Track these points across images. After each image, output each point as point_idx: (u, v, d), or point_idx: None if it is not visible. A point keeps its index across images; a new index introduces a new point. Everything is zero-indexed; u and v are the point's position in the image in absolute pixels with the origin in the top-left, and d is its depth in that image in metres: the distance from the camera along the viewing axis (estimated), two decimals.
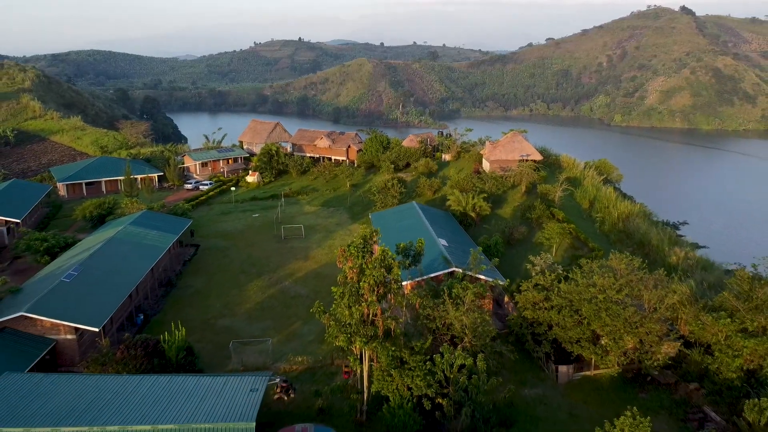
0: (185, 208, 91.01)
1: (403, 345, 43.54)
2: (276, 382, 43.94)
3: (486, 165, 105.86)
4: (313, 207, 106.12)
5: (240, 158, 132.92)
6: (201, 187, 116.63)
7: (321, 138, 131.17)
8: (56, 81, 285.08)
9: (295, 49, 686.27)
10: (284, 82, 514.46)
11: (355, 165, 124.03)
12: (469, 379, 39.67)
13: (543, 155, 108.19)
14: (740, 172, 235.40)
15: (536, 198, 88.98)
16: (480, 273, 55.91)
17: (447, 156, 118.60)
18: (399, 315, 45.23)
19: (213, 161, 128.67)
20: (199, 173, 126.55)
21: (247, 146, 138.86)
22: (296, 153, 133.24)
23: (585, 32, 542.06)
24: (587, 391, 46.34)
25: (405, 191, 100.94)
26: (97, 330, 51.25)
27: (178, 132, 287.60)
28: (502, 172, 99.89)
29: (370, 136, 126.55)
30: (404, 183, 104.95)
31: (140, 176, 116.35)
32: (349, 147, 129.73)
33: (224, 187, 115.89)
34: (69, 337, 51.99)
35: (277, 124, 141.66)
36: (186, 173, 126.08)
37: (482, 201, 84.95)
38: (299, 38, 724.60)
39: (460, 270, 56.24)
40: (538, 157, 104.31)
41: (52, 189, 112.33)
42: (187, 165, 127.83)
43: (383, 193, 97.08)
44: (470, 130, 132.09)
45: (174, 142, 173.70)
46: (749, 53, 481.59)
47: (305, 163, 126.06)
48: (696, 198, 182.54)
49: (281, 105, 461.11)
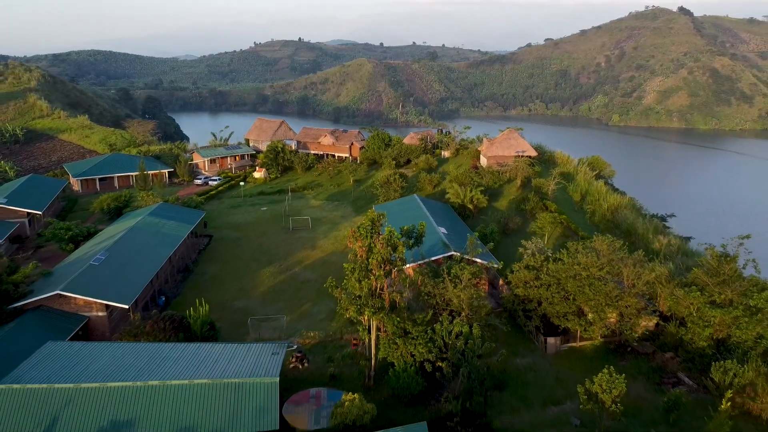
0: (198, 201, 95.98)
1: (407, 318, 48.39)
2: (293, 349, 48.77)
3: (483, 161, 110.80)
4: (319, 201, 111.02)
5: (247, 155, 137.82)
6: (210, 183, 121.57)
7: (325, 136, 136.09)
8: (61, 81, 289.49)
9: (295, 50, 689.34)
10: (284, 82, 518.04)
11: (358, 161, 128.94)
12: (466, 345, 44.49)
13: (538, 152, 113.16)
14: (735, 171, 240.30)
15: (531, 191, 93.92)
16: (476, 256, 60.85)
17: (446, 153, 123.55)
18: (402, 291, 50.01)
19: (221, 158, 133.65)
20: (208, 169, 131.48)
21: (253, 144, 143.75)
22: (301, 150, 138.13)
23: (583, 33, 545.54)
24: (573, 360, 51.20)
25: (406, 186, 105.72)
26: (127, 307, 56.16)
27: (180, 131, 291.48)
28: (499, 168, 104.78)
29: (373, 134, 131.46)
30: (405, 178, 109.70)
31: (152, 172, 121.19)
32: (352, 144, 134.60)
33: (233, 183, 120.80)
34: (100, 314, 56.88)
35: (282, 123, 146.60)
36: (195, 169, 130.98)
37: (479, 194, 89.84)
38: (299, 38, 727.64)
39: (458, 254, 61.11)
40: (533, 154, 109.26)
41: (67, 184, 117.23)
42: (196, 162, 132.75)
43: (386, 187, 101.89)
44: (468, 128, 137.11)
45: (179, 141, 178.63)
46: (747, 53, 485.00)
47: (310, 160, 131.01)
48: (689, 194, 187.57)
49: (282, 105, 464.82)
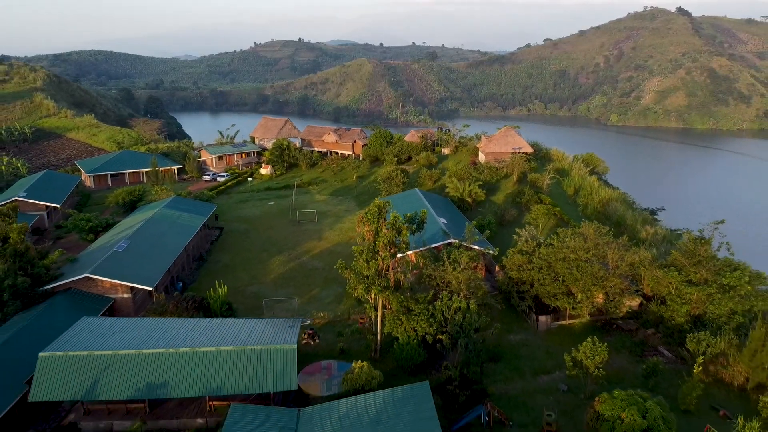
0: (209, 195, 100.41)
1: (409, 297, 52.85)
2: (306, 324, 53.21)
3: (482, 157, 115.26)
4: (323, 196, 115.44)
5: (253, 152, 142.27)
6: (218, 179, 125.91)
7: (329, 134, 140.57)
8: (65, 80, 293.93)
9: (295, 50, 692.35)
10: (285, 82, 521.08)
11: (361, 158, 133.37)
12: (464, 319, 48.94)
13: (534, 149, 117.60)
14: (732, 170, 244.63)
15: (526, 186, 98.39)
16: (473, 243, 65.34)
17: (446, 150, 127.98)
18: (406, 272, 54.45)
19: (228, 155, 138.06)
20: (215, 166, 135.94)
21: (259, 141, 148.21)
22: (305, 148, 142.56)
23: (582, 33, 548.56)
24: (562, 336, 55.66)
25: (407, 181, 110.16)
26: (150, 289, 60.61)
27: (182, 131, 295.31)
28: (496, 164, 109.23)
29: (375, 132, 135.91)
30: (407, 174, 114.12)
31: (162, 168, 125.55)
32: (355, 142, 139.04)
33: (240, 179, 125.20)
34: (125, 296, 61.28)
35: (287, 121, 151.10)
36: (203, 166, 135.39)
37: (477, 188, 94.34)
38: (299, 39, 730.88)
39: (457, 241, 65.59)
40: (529, 150, 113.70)
41: (80, 180, 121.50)
42: (204, 159, 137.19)
43: (388, 182, 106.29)
44: (467, 126, 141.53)
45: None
46: (745, 54, 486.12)
47: (314, 157, 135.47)
48: (686, 192, 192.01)
49: (282, 105, 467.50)
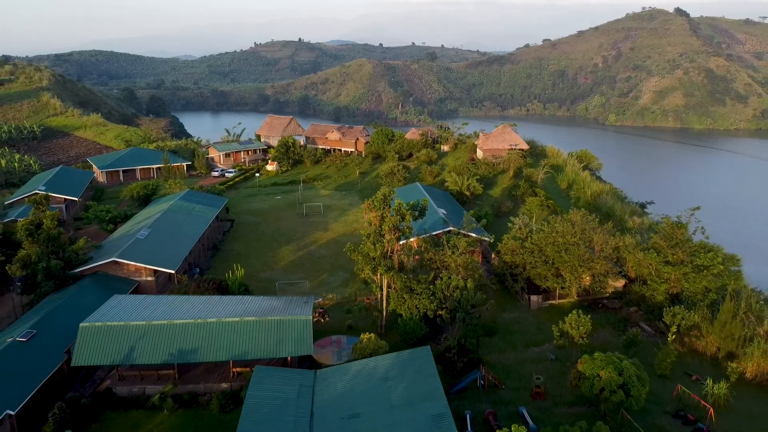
0: (220, 189, 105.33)
1: (412, 279, 57.73)
2: (318, 302, 58.11)
3: (479, 153, 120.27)
4: (328, 191, 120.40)
5: (259, 150, 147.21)
6: (226, 175, 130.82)
7: (332, 131, 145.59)
8: (70, 80, 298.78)
9: (295, 50, 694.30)
10: (285, 82, 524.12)
11: (363, 155, 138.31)
12: (462, 296, 53.81)
13: (530, 146, 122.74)
14: (728, 169, 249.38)
15: (522, 180, 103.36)
16: (471, 231, 70.27)
17: (445, 147, 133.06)
18: (409, 255, 59.34)
19: (235, 152, 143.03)
20: (223, 163, 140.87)
21: (264, 139, 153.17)
22: (309, 145, 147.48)
23: (581, 33, 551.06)
24: (552, 314, 60.45)
25: (408, 176, 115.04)
26: (173, 272, 65.54)
27: (184, 130, 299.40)
28: (494, 159, 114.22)
29: (377, 130, 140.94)
30: (408, 169, 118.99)
31: (173, 164, 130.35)
32: (358, 140, 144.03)
33: (247, 174, 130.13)
34: (148, 279, 66.18)
35: (292, 119, 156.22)
36: (211, 163, 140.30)
37: (475, 182, 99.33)
38: (299, 39, 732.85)
39: (456, 229, 70.50)
40: (525, 147, 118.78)
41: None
42: (212, 156, 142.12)
43: (390, 177, 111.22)
44: (466, 124, 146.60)
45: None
46: (743, 54, 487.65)
47: (318, 154, 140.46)
48: (681, 190, 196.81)
49: (282, 104, 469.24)
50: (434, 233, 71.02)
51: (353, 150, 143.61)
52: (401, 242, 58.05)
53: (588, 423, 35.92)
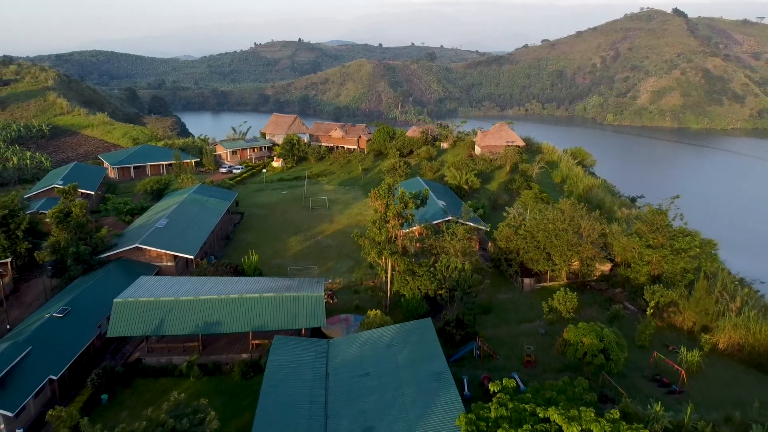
0: (230, 184, 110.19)
1: (414, 263, 62.66)
2: (328, 283, 63.01)
3: (477, 150, 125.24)
4: (332, 186, 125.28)
5: (264, 147, 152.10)
6: (234, 171, 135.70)
7: (335, 129, 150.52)
8: (75, 80, 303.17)
9: (295, 50, 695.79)
10: (285, 82, 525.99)
11: (366, 152, 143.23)
12: (459, 276, 58.73)
13: (526, 143, 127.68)
14: (723, 168, 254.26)
15: (518, 175, 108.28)
16: (468, 220, 75.23)
17: (445, 144, 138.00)
18: (412, 241, 64.28)
19: (241, 149, 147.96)
20: (230, 160, 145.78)
21: (269, 137, 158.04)
22: (313, 143, 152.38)
23: (579, 34, 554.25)
24: (544, 295, 65.24)
25: (409, 172, 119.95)
26: (192, 257, 70.42)
27: (186, 129, 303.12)
28: (491, 156, 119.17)
29: (379, 128, 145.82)
30: (409, 165, 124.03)
31: (183, 161, 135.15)
32: (360, 137, 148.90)
33: (254, 171, 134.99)
34: (169, 264, 71.07)
35: (296, 118, 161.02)
36: (219, 160, 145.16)
37: (473, 176, 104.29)
38: (299, 39, 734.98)
39: (455, 218, 75.47)
40: (521, 144, 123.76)
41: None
42: (219, 153, 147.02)
43: (392, 173, 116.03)
44: (465, 122, 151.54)
45: (199, 135, 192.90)
46: (740, 54, 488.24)
47: (322, 151, 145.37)
48: (667, 183, 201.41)
49: (283, 104, 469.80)
50: (435, 222, 75.92)
51: (355, 147, 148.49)
52: (404, 230, 62.99)
53: (570, 379, 40.70)
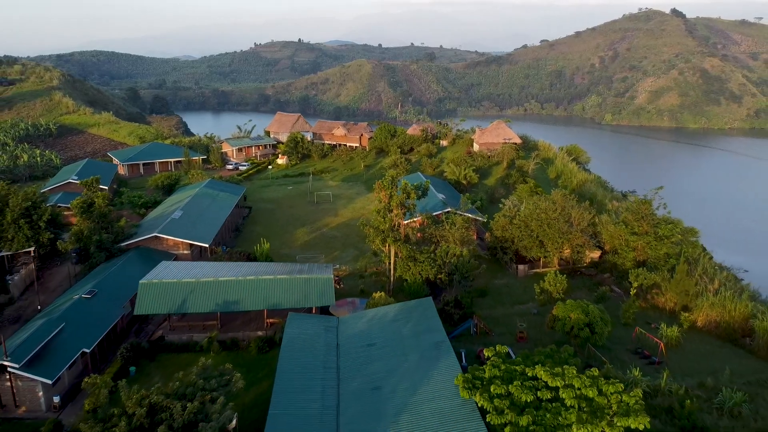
0: (238, 180, 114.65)
1: (415, 250, 67.16)
2: (336, 268, 67.54)
3: (476, 147, 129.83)
4: (335, 182, 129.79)
5: (269, 145, 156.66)
6: (240, 168, 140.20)
7: (338, 128, 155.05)
8: (79, 80, 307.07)
9: (295, 50, 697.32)
10: (286, 82, 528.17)
11: (367, 149, 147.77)
12: (458, 261, 63.27)
13: (523, 140, 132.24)
14: (712, 164, 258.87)
15: (514, 170, 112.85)
16: (467, 211, 79.80)
17: (444, 142, 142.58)
18: (415, 229, 68.81)
19: (247, 147, 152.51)
20: (236, 157, 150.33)
21: (274, 135, 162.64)
22: (316, 141, 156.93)
23: (578, 34, 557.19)
24: (537, 280, 69.48)
25: (410, 168, 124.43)
26: (207, 245, 74.92)
27: (188, 129, 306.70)
28: (489, 152, 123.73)
29: (380, 126, 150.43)
30: (409, 162, 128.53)
31: (192, 158, 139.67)
32: (362, 135, 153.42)
33: (259, 168, 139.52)
34: (185, 252, 75.54)
35: (299, 117, 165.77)
36: (225, 157, 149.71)
37: (472, 172, 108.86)
38: (299, 39, 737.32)
39: (453, 209, 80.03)
40: (518, 141, 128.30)
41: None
42: (225, 150, 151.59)
43: (394, 169, 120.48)
44: (464, 120, 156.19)
45: (206, 133, 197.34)
46: (738, 54, 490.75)
47: (325, 149, 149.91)
48: (661, 180, 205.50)
49: (283, 104, 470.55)
50: (435, 213, 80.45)
51: (357, 145, 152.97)
52: (406, 221, 67.47)
53: (557, 346, 45.14)
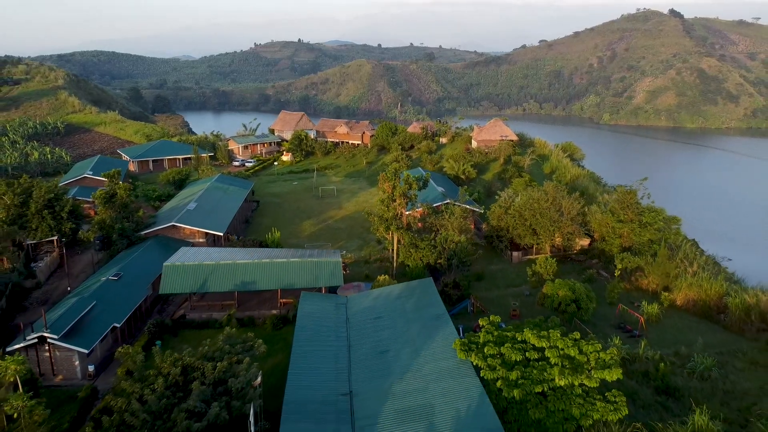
0: (246, 175, 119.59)
1: (416, 238, 72.13)
2: (343, 254, 72.56)
3: (474, 144, 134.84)
4: (338, 178, 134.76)
5: (274, 142, 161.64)
6: (246, 164, 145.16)
7: (340, 126, 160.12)
8: (83, 80, 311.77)
9: (295, 50, 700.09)
10: (286, 82, 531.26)
11: (369, 147, 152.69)
12: (456, 247, 68.23)
13: (519, 138, 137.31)
14: (707, 163, 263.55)
15: (511, 165, 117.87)
16: (465, 203, 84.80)
17: (444, 139, 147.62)
18: (416, 219, 73.77)
19: (252, 145, 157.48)
20: (242, 154, 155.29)
21: (278, 133, 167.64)
22: (319, 138, 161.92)
23: (577, 34, 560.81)
24: (530, 265, 74.78)
25: (411, 164, 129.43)
26: (222, 234, 79.88)
27: (190, 129, 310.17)
28: (486, 149, 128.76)
29: (381, 124, 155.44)
30: (410, 158, 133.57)
31: (201, 155, 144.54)
32: (364, 133, 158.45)
33: (265, 164, 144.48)
34: (201, 240, 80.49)
35: (303, 115, 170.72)
36: (231, 154, 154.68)
37: (470, 167, 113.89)
38: (299, 39, 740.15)
39: (452, 201, 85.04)
40: (515, 138, 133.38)
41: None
42: (231, 148, 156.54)
43: (395, 165, 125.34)
44: (462, 118, 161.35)
45: (213, 131, 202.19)
46: (736, 54, 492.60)
47: (328, 146, 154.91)
48: (657, 178, 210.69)
49: (283, 104, 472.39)
50: (435, 205, 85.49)
51: (359, 142, 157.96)
52: (408, 212, 72.38)
53: (545, 317, 50.12)
